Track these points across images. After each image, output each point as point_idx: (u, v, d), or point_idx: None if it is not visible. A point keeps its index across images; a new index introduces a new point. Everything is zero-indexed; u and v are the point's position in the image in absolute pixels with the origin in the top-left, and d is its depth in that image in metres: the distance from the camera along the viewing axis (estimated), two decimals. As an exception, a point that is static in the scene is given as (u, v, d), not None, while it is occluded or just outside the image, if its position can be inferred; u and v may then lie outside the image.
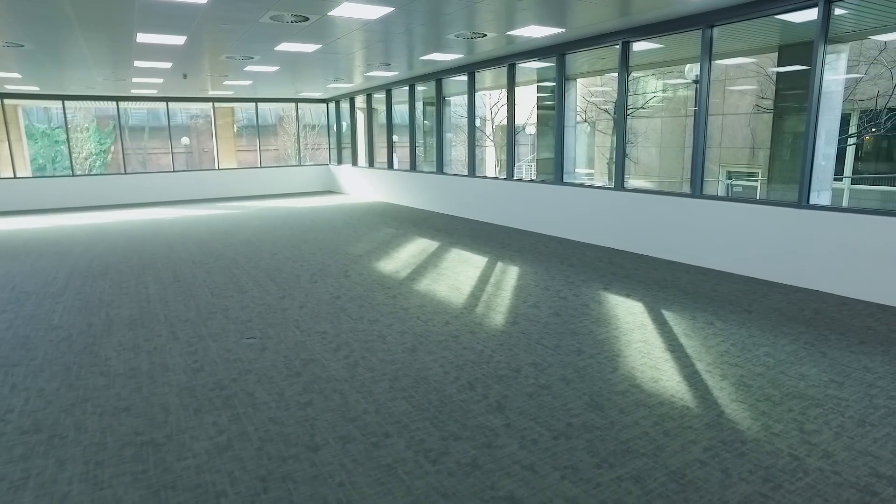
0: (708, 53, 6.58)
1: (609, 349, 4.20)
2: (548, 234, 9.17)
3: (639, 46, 8.09)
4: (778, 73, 9.18)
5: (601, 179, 15.73)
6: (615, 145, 8.03)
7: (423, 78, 12.04)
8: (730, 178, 14.08)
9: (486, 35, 7.76)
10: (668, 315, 4.98)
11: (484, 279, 6.39)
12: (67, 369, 4.04)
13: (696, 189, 6.87)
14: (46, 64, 9.63)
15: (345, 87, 14.42)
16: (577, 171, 17.21)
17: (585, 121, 15.72)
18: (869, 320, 4.75)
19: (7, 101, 14.37)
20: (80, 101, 15.84)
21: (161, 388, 3.70)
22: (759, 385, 3.54)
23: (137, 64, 9.73)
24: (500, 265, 7.08)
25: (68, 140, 15.37)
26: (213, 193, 16.71)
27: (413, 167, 13.36)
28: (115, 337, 4.73)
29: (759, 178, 12.52)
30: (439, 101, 11.88)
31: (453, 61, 10.09)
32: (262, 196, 16.84)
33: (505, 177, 10.12)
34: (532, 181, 9.69)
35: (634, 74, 14.73)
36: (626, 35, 7.38)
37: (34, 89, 13.36)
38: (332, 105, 17.71)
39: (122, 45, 7.94)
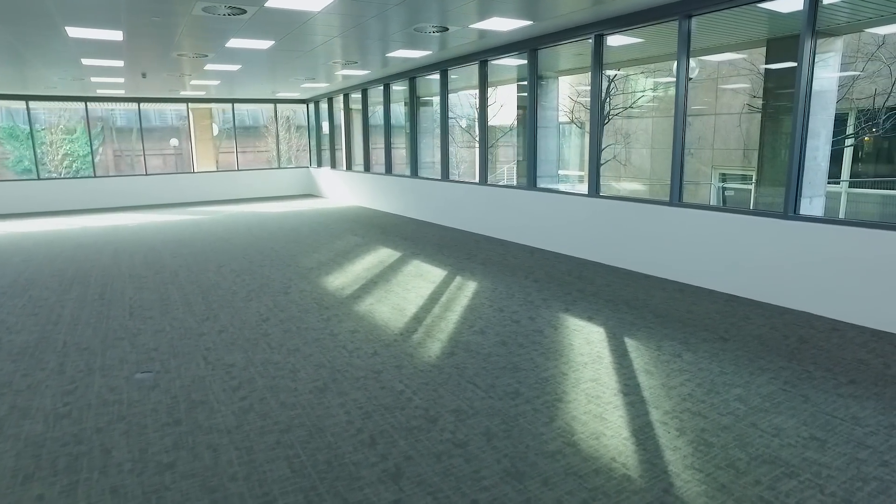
0: (685, 47, 5.93)
1: (552, 391, 3.56)
2: (519, 242, 8.53)
3: (618, 41, 7.45)
4: (766, 69, 8.52)
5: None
6: (591, 147, 7.40)
7: (398, 77, 11.43)
8: (723, 181, 13.43)
9: (447, 29, 7.13)
10: (631, 344, 4.34)
11: (434, 298, 5.75)
12: None
13: (675, 196, 6.22)
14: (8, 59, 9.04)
15: (321, 87, 13.82)
16: (566, 173, 16.58)
17: (573, 121, 15.07)
18: (861, 351, 4.10)
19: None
20: (53, 102, 15.29)
21: (1, 445, 3.08)
22: (722, 444, 2.90)
23: (86, 62, 9.13)
24: (458, 280, 6.44)
25: (33, 141, 14.75)
26: (189, 197, 16.11)
27: (388, 170, 12.74)
28: (-9, 370, 4.11)
29: (753, 181, 11.85)
30: (413, 101, 11.26)
31: (424, 59, 9.47)
32: (238, 200, 16.24)
33: (477, 181, 9.49)
34: (504, 186, 9.06)
35: (623, 72, 14.10)
36: (599, 27, 6.74)
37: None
38: (311, 106, 17.12)
39: (55, 40, 7.33)
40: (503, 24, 6.93)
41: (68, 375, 4.01)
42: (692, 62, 11.73)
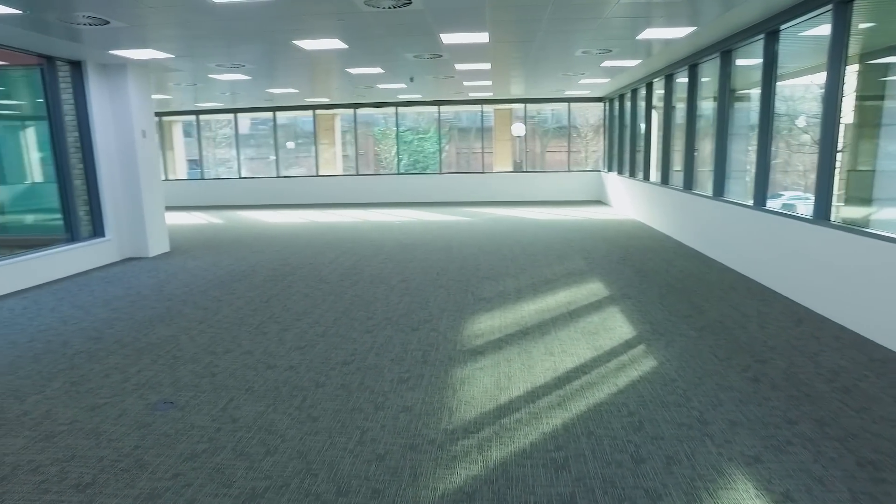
0: None
1: None
2: (792, 299, 5.65)
3: None
4: None
5: None
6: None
7: (679, 65, 9.13)
8: None
9: (682, -13, 5.00)
10: None
11: (569, 377, 3.97)
12: (-34, 405, 3.72)
13: None
14: (289, 76, 10.50)
15: (602, 82, 12.23)
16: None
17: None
18: None
19: (321, 112, 17.12)
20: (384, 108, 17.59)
21: (-47, 466, 2.98)
22: None
23: (352, 71, 9.79)
24: (636, 352, 4.42)
25: (341, 142, 17.09)
26: (477, 196, 16.44)
27: (664, 181, 10.41)
28: None
29: None
30: (692, 95, 8.80)
31: (693, 39, 7.16)
32: (524, 202, 15.83)
33: (751, 203, 6.72)
34: (781, 214, 6.11)
35: None
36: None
37: (319, 100, 15.22)
38: (606, 104, 15.52)
39: (286, 52, 7.82)
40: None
41: (133, 384, 3.90)
42: None
